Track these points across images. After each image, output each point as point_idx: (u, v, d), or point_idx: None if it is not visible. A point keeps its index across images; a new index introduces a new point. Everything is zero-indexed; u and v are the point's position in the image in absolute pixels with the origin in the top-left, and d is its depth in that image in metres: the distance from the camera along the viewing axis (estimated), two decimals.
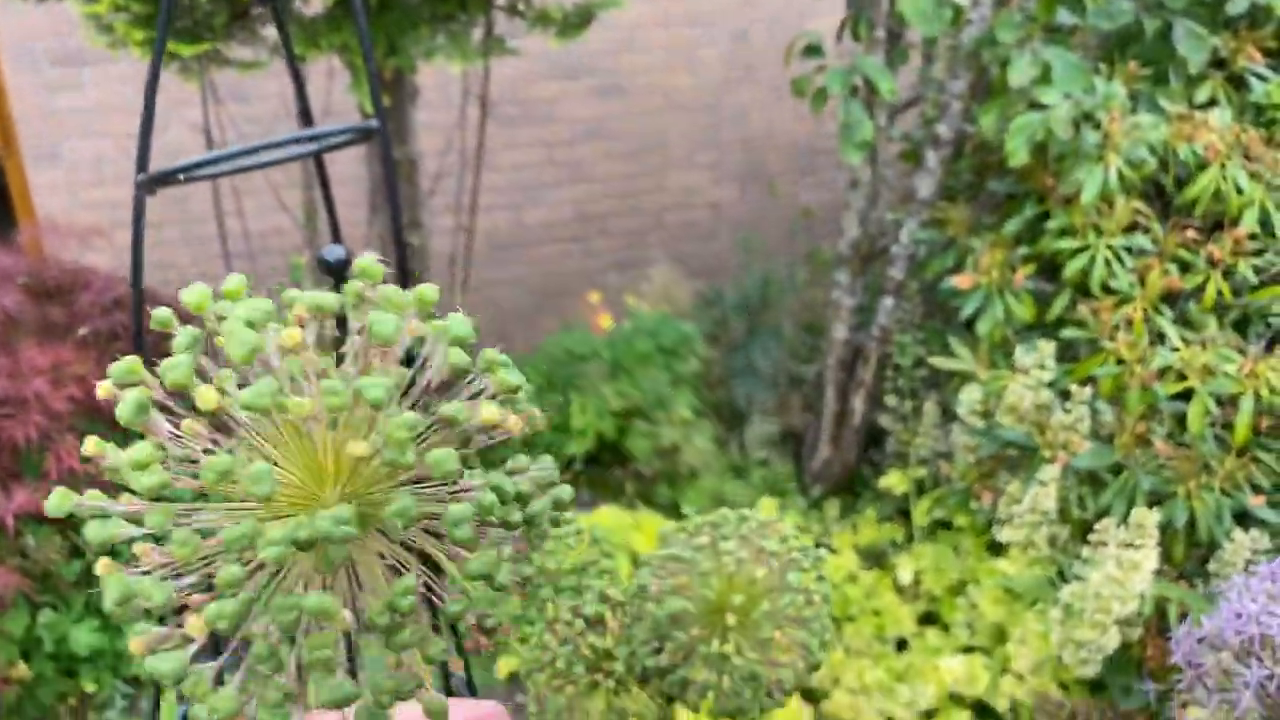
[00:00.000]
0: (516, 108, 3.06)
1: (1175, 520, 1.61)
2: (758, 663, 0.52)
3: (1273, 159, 1.85)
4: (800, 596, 0.51)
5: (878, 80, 1.77)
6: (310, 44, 1.53)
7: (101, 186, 2.77)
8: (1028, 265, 1.83)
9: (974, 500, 1.87)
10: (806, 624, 0.53)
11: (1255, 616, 0.84)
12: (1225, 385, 1.61)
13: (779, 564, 0.52)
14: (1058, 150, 1.74)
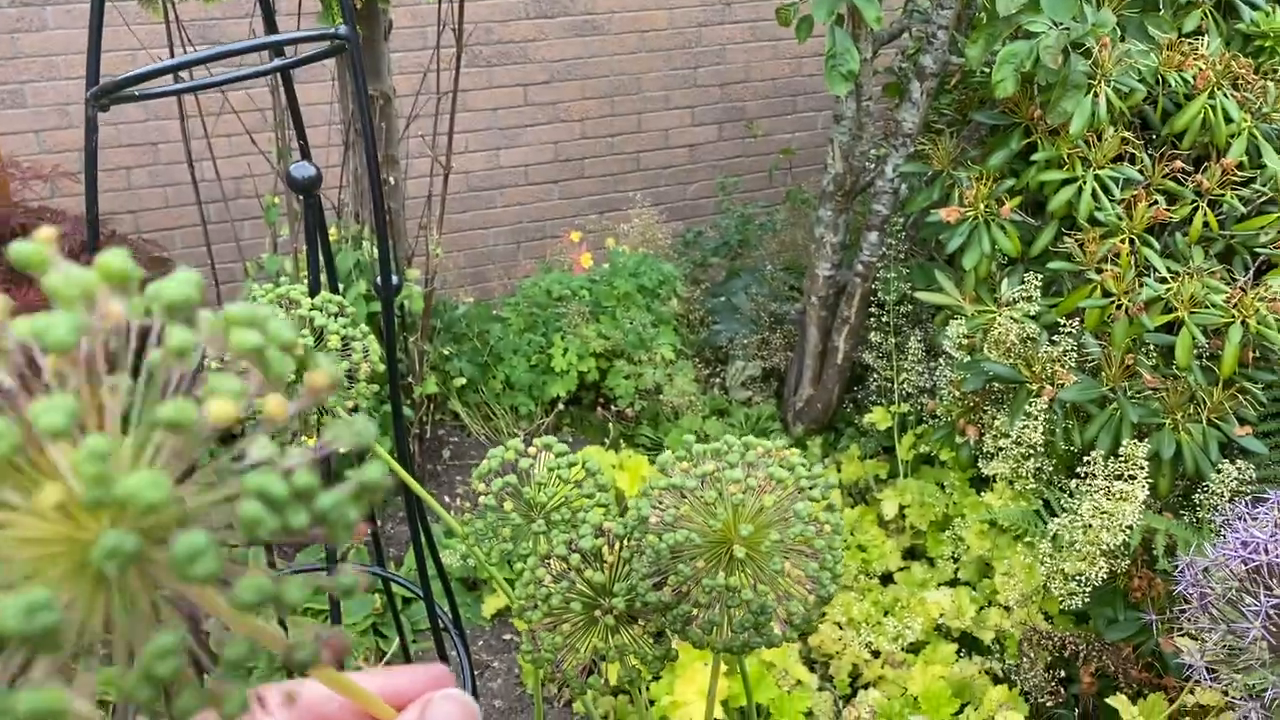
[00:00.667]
0: (492, 48, 2.99)
1: (1162, 452, 1.60)
2: (767, 595, 0.50)
3: (1261, 88, 1.83)
4: (810, 527, 0.49)
5: (864, 8, 1.73)
6: None
7: (69, 129, 2.69)
8: (1014, 198, 1.80)
9: (959, 435, 1.87)
10: (817, 555, 0.51)
11: (1264, 545, 0.83)
12: (1213, 316, 1.60)
13: (787, 493, 0.50)
14: (1045, 80, 1.71)
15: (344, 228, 2.08)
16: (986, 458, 1.73)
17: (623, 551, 0.53)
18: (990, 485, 1.84)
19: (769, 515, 0.49)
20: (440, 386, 2.35)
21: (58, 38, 2.62)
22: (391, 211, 2.03)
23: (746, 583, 0.48)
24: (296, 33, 0.61)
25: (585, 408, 2.56)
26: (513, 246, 3.19)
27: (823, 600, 0.50)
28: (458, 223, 3.04)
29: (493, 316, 2.62)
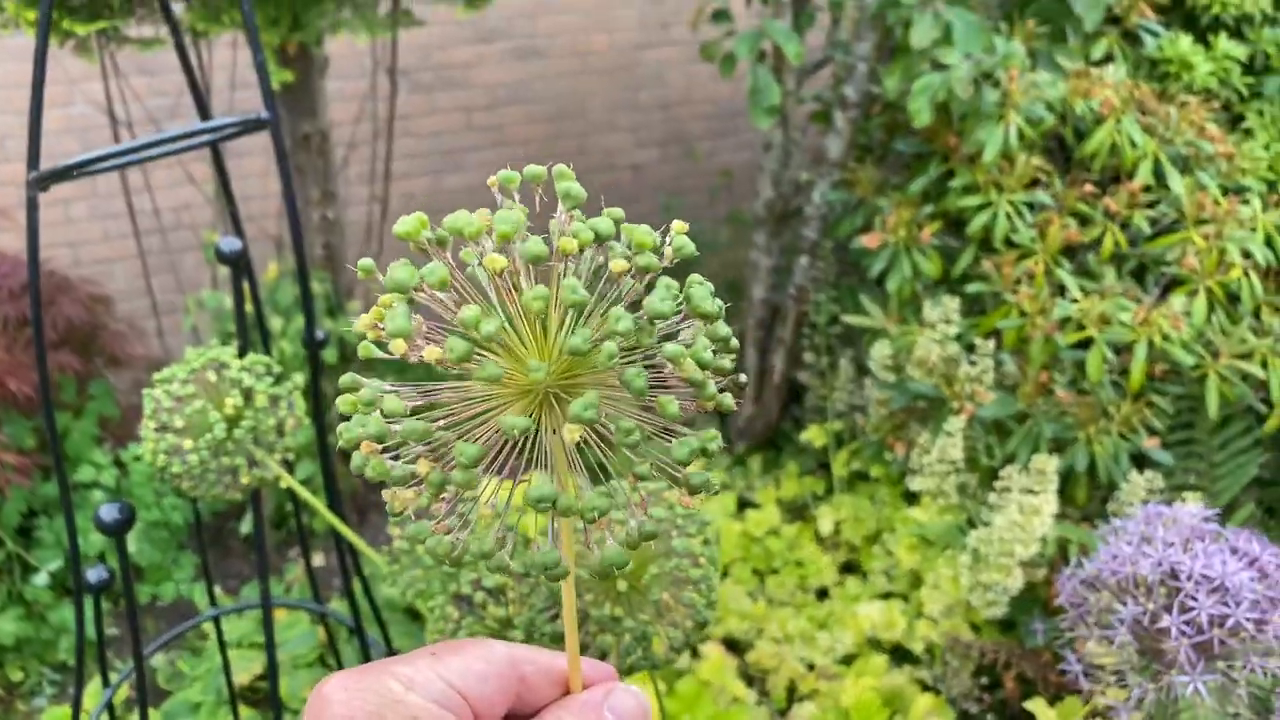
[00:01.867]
0: (432, 74, 3.03)
1: (1076, 464, 1.68)
2: (648, 623, 0.55)
3: (1165, 113, 1.92)
4: (686, 560, 0.55)
5: (784, 45, 1.79)
6: (212, 20, 1.51)
7: (6, 163, 2.69)
8: (934, 223, 1.88)
9: (888, 451, 1.93)
10: (694, 585, 0.56)
11: (1129, 557, 0.89)
12: (1121, 334, 1.68)
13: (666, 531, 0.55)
14: (960, 110, 1.78)
15: (283, 261, 2.11)
16: (912, 474, 1.80)
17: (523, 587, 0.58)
18: (919, 499, 1.91)
19: (649, 551, 0.54)
20: None
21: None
22: (331, 246, 2.06)
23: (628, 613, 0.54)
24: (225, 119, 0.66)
25: None
26: None
27: (700, 625, 0.56)
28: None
29: None
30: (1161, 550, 0.90)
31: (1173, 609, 0.86)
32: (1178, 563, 0.89)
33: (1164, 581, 0.89)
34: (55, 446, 0.76)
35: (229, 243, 0.68)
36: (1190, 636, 0.85)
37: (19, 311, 1.91)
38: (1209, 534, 0.93)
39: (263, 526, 0.82)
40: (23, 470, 1.83)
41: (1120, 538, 0.92)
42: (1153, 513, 0.97)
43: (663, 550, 0.55)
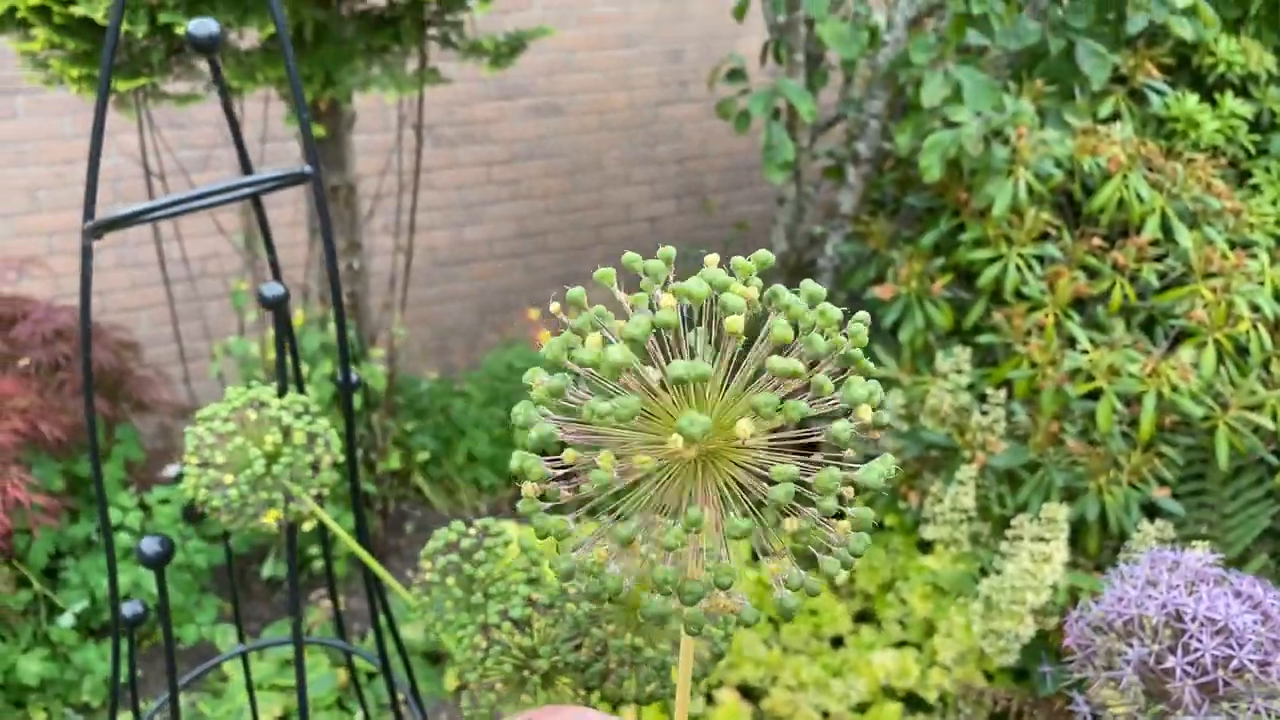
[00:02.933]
0: (455, 129, 3.11)
1: (1087, 514, 1.70)
2: (666, 654, 0.58)
3: (1172, 169, 1.96)
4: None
5: (798, 103, 1.85)
6: (247, 78, 1.57)
7: (37, 214, 2.76)
8: (945, 275, 1.91)
9: (902, 500, 1.95)
10: (711, 618, 0.59)
11: (1135, 600, 0.92)
12: (1130, 385, 1.70)
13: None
14: (970, 166, 1.83)
15: (309, 309, 2.16)
16: (925, 523, 1.82)
17: (548, 618, 0.61)
18: (932, 548, 1.93)
19: None
20: (403, 462, 2.41)
21: (28, 126, 2.71)
22: (356, 295, 2.11)
23: (648, 643, 0.56)
24: (268, 173, 0.70)
25: None
26: (477, 319, 3.28)
27: (717, 656, 0.58)
28: (423, 297, 3.13)
29: (455, 392, 2.70)
30: (1166, 593, 0.92)
31: (1177, 650, 0.88)
32: (1182, 605, 0.91)
33: (1169, 624, 0.91)
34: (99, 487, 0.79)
35: (271, 288, 0.72)
36: (1195, 677, 0.87)
37: (51, 357, 1.96)
38: (1213, 578, 0.96)
39: (295, 562, 0.85)
40: (51, 512, 1.87)
41: (1126, 581, 0.94)
42: (1158, 557, 0.99)
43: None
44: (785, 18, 2.00)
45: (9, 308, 2.04)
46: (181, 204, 0.70)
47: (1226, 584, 0.96)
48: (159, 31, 1.52)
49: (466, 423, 2.56)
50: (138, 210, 0.68)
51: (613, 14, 3.19)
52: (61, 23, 1.49)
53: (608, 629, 0.58)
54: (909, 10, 1.96)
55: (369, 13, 1.77)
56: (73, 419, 1.92)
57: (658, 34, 3.25)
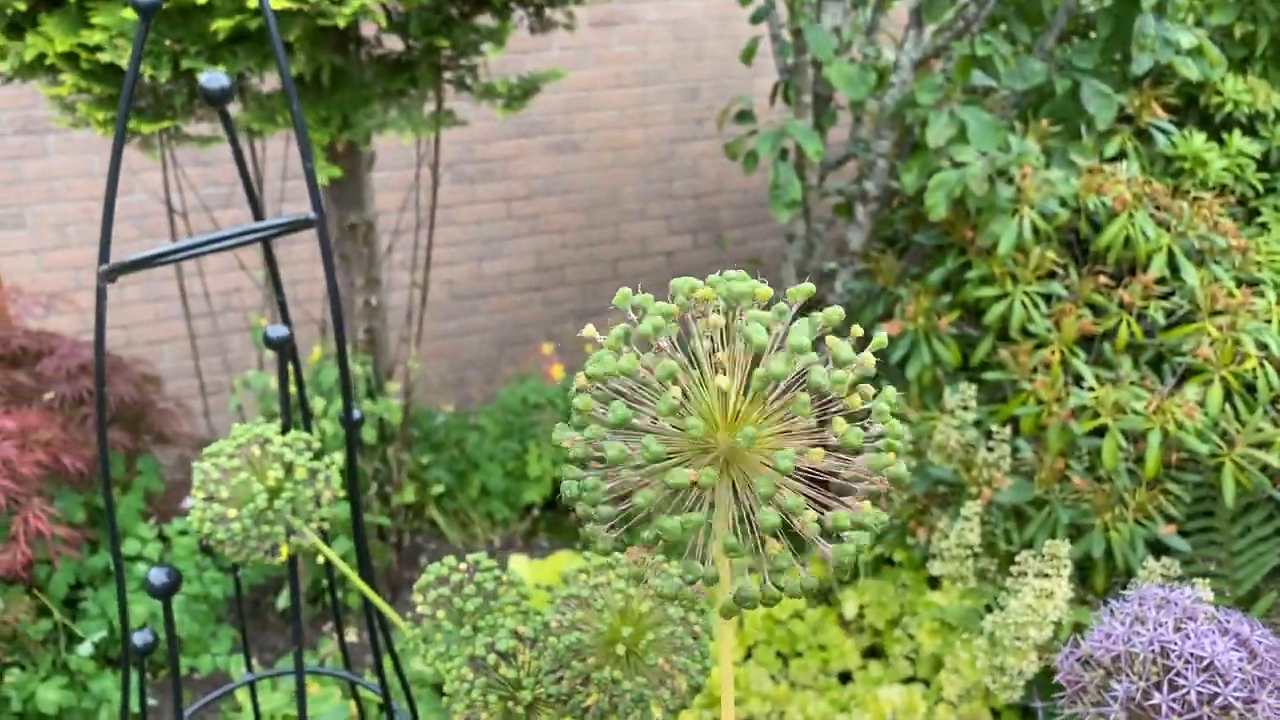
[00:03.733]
0: (475, 166, 3.16)
1: (1093, 550, 1.70)
2: (645, 686, 0.60)
3: (1179, 208, 1.98)
4: (681, 628, 0.60)
5: (805, 143, 1.88)
6: (267, 120, 1.62)
7: (65, 249, 2.83)
8: (952, 312, 1.93)
9: (910, 536, 1.96)
10: (688, 651, 0.61)
11: (1122, 636, 0.93)
12: (1135, 422, 1.71)
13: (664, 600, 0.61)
14: (975, 204, 1.85)
15: (326, 344, 2.20)
16: (933, 558, 1.82)
17: (532, 651, 0.64)
18: (941, 584, 1.93)
19: (647, 619, 0.60)
20: (418, 495, 2.44)
21: (58, 164, 2.78)
22: (373, 330, 2.15)
23: (626, 676, 0.59)
24: (275, 220, 0.73)
25: (560, 512, 2.65)
26: (495, 352, 3.32)
27: (695, 688, 0.61)
28: (442, 330, 3.17)
29: (470, 425, 2.73)
30: (1154, 630, 0.94)
31: (1163, 687, 0.89)
32: (1169, 642, 0.92)
33: (1155, 660, 0.92)
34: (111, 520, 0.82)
35: (276, 330, 0.75)
36: (1181, 714, 0.88)
37: (75, 391, 2.01)
38: (1201, 614, 0.97)
39: (299, 596, 0.88)
40: (72, 543, 1.91)
41: (1115, 618, 0.95)
42: (1148, 594, 1.00)
43: (660, 618, 0.60)
44: (793, 60, 2.04)
45: (35, 343, 2.09)
46: (192, 249, 0.73)
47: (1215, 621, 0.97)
48: (181, 76, 1.57)
49: (481, 456, 2.59)
50: (150, 256, 0.71)
51: (630, 53, 3.24)
52: (88, 68, 1.54)
53: (588, 662, 0.60)
54: (915, 52, 1.99)
55: (386, 57, 1.81)
56: (94, 452, 1.96)
57: (674, 73, 3.30)
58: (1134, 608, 0.97)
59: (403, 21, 1.68)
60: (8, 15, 1.55)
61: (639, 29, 3.23)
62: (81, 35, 1.49)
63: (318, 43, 1.61)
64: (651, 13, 3.23)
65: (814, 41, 1.91)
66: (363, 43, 1.79)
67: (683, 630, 0.60)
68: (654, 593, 0.61)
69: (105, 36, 1.48)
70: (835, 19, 2.03)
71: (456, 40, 1.75)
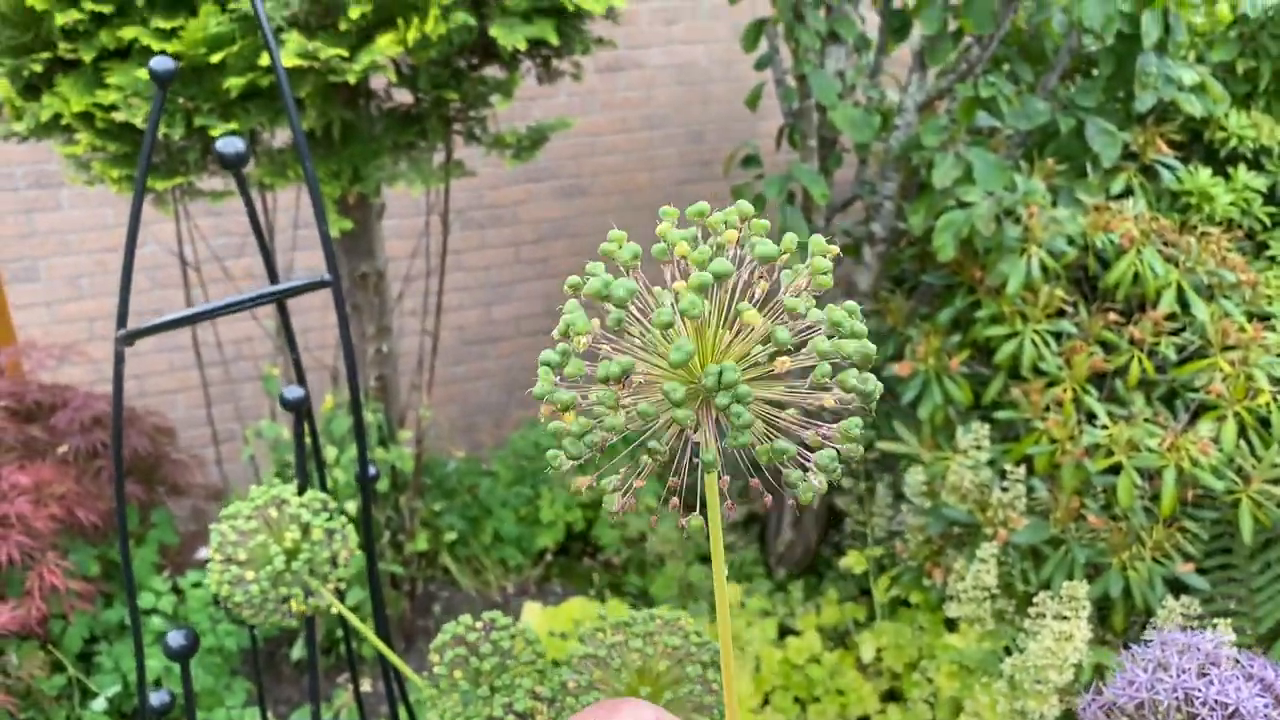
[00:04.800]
0: (484, 211, 3.18)
1: (1111, 590, 1.69)
2: None
3: (1186, 243, 1.98)
4: (699, 686, 0.60)
5: (811, 187, 1.89)
6: (279, 175, 1.64)
7: (79, 301, 2.85)
8: (962, 352, 1.93)
9: (926, 578, 1.95)
10: (707, 710, 0.61)
11: (1145, 684, 0.92)
12: (1149, 460, 1.71)
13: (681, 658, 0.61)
14: (983, 244, 1.86)
15: (338, 393, 2.21)
16: (950, 600, 1.81)
17: (550, 712, 0.63)
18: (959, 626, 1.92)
19: (665, 678, 0.60)
20: (431, 543, 2.44)
21: (72, 217, 2.81)
22: (385, 378, 2.16)
23: None
24: (291, 283, 0.74)
25: (573, 558, 2.64)
26: (505, 396, 3.32)
27: None
28: (451, 375, 3.18)
29: (482, 471, 2.73)
30: (1177, 677, 0.93)
31: None
32: (1193, 689, 0.91)
33: (1180, 707, 0.91)
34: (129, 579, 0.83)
35: (292, 391, 0.76)
36: None
37: (89, 444, 2.02)
38: (1225, 659, 0.96)
39: (316, 652, 0.88)
40: (86, 597, 1.91)
41: (1138, 664, 0.95)
42: (1169, 639, 1.00)
43: (678, 676, 0.60)
44: (798, 105, 2.06)
45: (49, 396, 2.10)
46: (209, 314, 0.74)
47: (1239, 666, 0.96)
48: (194, 133, 1.59)
49: (493, 502, 2.59)
50: (168, 321, 0.72)
51: (635, 98, 3.27)
52: (103, 127, 1.56)
53: None
54: (919, 95, 2.01)
55: (395, 110, 1.84)
56: (109, 505, 1.96)
57: (679, 116, 3.33)
58: (1156, 653, 0.96)
59: (412, 75, 1.70)
60: (24, 77, 1.58)
61: (644, 74, 3.27)
62: (97, 95, 1.51)
63: (328, 98, 1.63)
64: (656, 58, 3.26)
65: (818, 86, 1.93)
66: (372, 96, 1.82)
67: (701, 689, 0.60)
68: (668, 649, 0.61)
69: (120, 96, 1.50)
70: (839, 63, 2.05)
71: (465, 93, 1.77)
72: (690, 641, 0.61)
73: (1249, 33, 2.23)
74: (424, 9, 1.51)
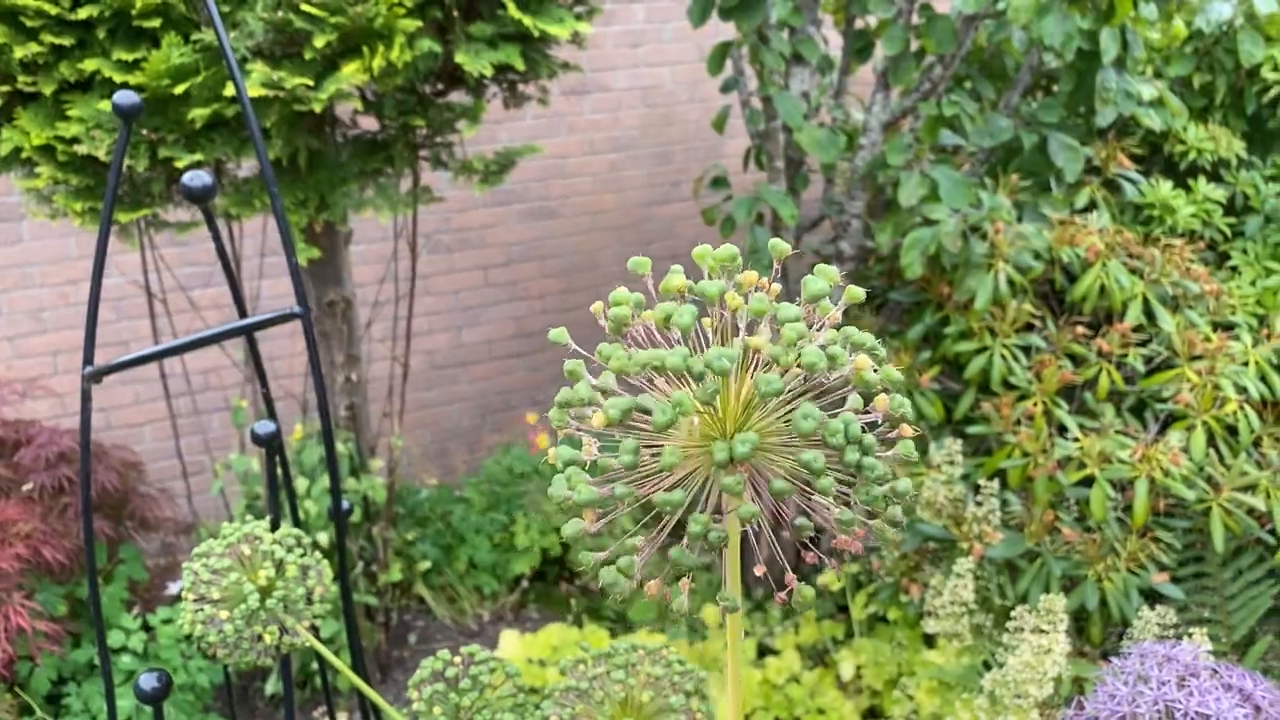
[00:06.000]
0: (452, 235, 3.17)
1: (1088, 602, 1.70)
2: None
3: (1151, 255, 2.01)
4: (683, 716, 0.59)
5: (779, 208, 1.90)
6: (245, 204, 1.62)
7: (42, 335, 2.81)
8: (933, 367, 1.94)
9: (904, 594, 1.95)
10: None
11: (1126, 698, 0.92)
12: (1121, 471, 1.72)
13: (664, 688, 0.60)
14: (950, 261, 1.87)
15: (308, 423, 2.19)
16: (927, 616, 1.81)
17: None
18: (937, 641, 1.92)
19: (648, 708, 0.59)
20: (405, 572, 2.41)
21: (33, 249, 2.77)
22: (355, 407, 2.14)
23: None
24: (260, 316, 0.73)
25: (549, 583, 2.62)
26: (478, 421, 3.30)
27: None
28: (423, 400, 3.16)
29: (455, 498, 2.71)
30: (1157, 689, 0.93)
31: None
32: (1173, 701, 0.92)
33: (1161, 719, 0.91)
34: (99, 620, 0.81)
35: (263, 426, 0.75)
36: None
37: (55, 480, 1.98)
38: (1204, 670, 0.96)
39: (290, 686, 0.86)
40: (54, 638, 1.87)
41: (1117, 677, 0.95)
42: (1148, 651, 1.00)
43: (661, 707, 0.59)
44: (764, 126, 2.07)
45: (13, 432, 2.07)
46: (177, 350, 0.73)
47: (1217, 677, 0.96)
48: (159, 164, 1.58)
49: (467, 529, 2.57)
50: (134, 359, 0.71)
51: (603, 120, 3.28)
52: (65, 160, 1.54)
53: None
54: (884, 114, 2.02)
55: (362, 137, 1.83)
56: (75, 543, 1.93)
57: (646, 138, 3.35)
58: (1135, 665, 0.97)
59: (378, 102, 1.69)
60: None
61: (610, 96, 3.28)
62: (58, 128, 1.50)
63: (294, 127, 1.62)
64: (623, 80, 3.27)
65: (783, 108, 1.94)
66: (339, 124, 1.81)
67: (684, 718, 0.59)
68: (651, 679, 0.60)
69: (82, 129, 1.48)
70: (803, 84, 2.06)
71: (432, 119, 1.77)
72: (673, 671, 0.60)
73: (1204, 48, 2.27)
74: (389, 37, 1.50)
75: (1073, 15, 1.83)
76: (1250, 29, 2.18)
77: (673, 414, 0.37)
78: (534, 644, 2.02)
